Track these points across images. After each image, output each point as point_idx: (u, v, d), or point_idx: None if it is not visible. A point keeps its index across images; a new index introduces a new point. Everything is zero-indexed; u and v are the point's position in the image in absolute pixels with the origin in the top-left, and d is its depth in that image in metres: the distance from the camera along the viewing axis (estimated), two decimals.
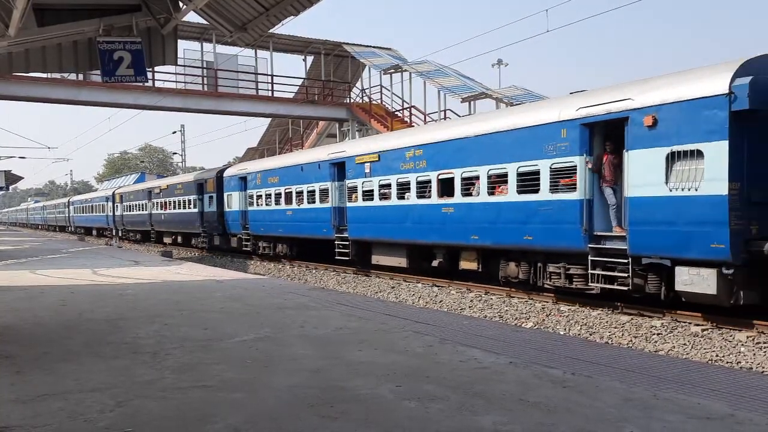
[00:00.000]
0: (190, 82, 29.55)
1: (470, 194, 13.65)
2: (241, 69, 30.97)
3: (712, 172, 9.12)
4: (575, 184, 11.13)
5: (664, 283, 10.07)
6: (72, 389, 5.09)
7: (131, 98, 27.43)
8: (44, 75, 23.70)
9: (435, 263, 15.26)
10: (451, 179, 14.11)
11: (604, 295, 11.11)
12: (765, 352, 8.32)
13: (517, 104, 21.75)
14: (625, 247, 10.27)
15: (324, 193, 19.34)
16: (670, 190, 9.66)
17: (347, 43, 31.99)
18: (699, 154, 9.30)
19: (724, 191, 8.94)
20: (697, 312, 10.08)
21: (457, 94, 25.74)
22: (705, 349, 8.71)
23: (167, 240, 34.42)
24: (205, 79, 29.86)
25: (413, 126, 26.68)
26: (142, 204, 37.27)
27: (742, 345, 8.68)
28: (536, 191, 11.89)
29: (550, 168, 11.59)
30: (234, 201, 25.62)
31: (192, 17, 16.98)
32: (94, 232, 51.66)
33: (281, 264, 22.46)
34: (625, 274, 10.33)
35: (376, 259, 17.37)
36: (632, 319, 10.45)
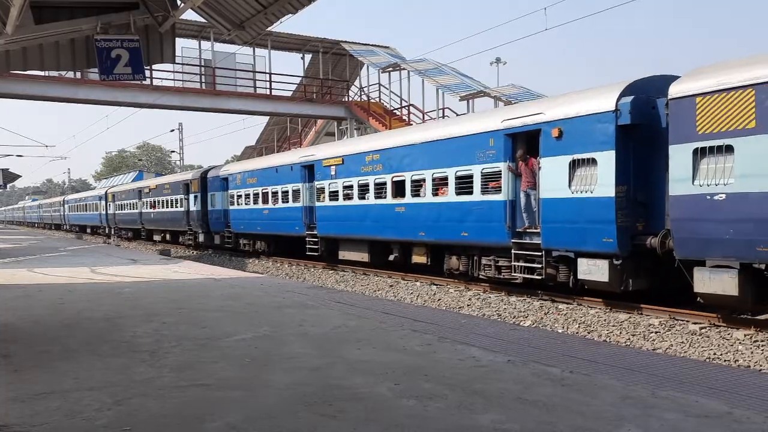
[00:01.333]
0: (188, 81, 29.52)
1: (419, 195, 15.13)
2: (239, 67, 30.94)
3: (603, 177, 10.68)
4: (500, 187, 12.73)
5: (572, 273, 11.49)
6: (70, 388, 5.09)
7: (129, 96, 27.39)
8: (42, 73, 23.65)
9: (391, 258, 16.73)
10: (403, 181, 15.62)
11: (526, 284, 12.63)
12: (763, 350, 8.34)
13: (516, 102, 21.79)
14: (539, 242, 11.83)
15: (296, 193, 20.82)
16: (572, 193, 11.22)
17: (345, 42, 31.96)
18: (594, 161, 10.86)
19: (612, 193, 10.49)
20: (694, 311, 10.13)
21: (455, 92, 25.73)
22: (703, 347, 8.72)
23: (157, 238, 35.66)
24: (203, 77, 29.82)
25: (412, 124, 26.73)
26: (133, 203, 38.53)
27: (740, 343, 8.70)
28: (470, 193, 13.48)
29: (481, 172, 13.22)
30: (217, 200, 27.02)
31: (190, 15, 16.98)
32: (89, 230, 52.62)
33: (279, 263, 22.48)
34: (540, 266, 11.89)
35: (343, 254, 18.66)
36: (630, 317, 10.48)
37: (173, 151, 60.76)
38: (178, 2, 10.15)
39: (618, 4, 27.92)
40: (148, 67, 20.86)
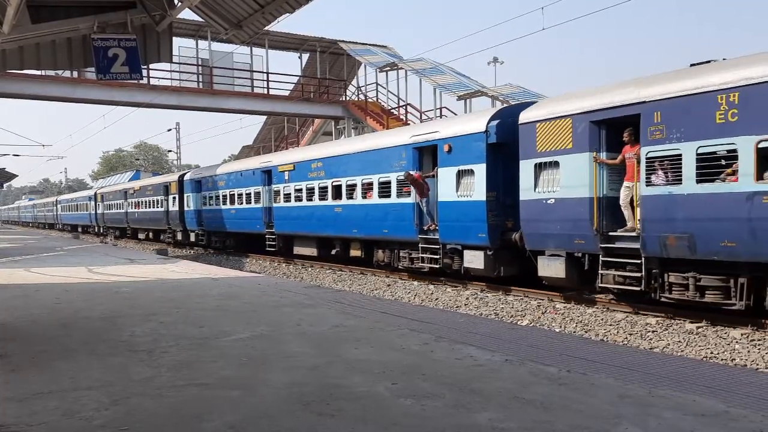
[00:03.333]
0: (186, 80, 29.47)
1: (352, 198, 17.60)
2: (237, 66, 30.89)
3: (478, 185, 13.19)
4: (410, 192, 15.13)
5: (462, 262, 13.87)
6: (68, 387, 5.08)
7: (126, 96, 27.34)
8: (38, 72, 23.60)
9: (333, 252, 19.11)
10: (340, 186, 18.11)
11: (433, 272, 15.13)
12: (759, 349, 8.36)
13: (514, 102, 21.82)
14: (438, 238, 14.33)
15: (257, 195, 23.13)
16: (459, 197, 13.68)
17: (343, 41, 31.93)
18: (472, 172, 13.37)
19: (484, 198, 13.02)
20: (690, 310, 10.15)
21: (452, 91, 25.75)
22: (700, 346, 8.74)
23: (141, 236, 38.07)
24: (200, 76, 29.77)
25: (409, 123, 26.76)
26: (120, 203, 40.74)
27: (737, 342, 8.72)
28: (389, 196, 15.96)
29: (396, 179, 15.61)
30: (191, 201, 29.21)
31: (187, 14, 16.93)
32: (80, 229, 54.26)
33: (277, 262, 22.51)
34: (439, 256, 14.41)
35: (297, 249, 21.12)
36: (627, 316, 10.50)
37: (170, 151, 60.75)
38: (176, 1, 10.14)
39: (615, 3, 27.98)
40: (146, 67, 20.79)
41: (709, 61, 9.90)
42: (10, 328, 7.85)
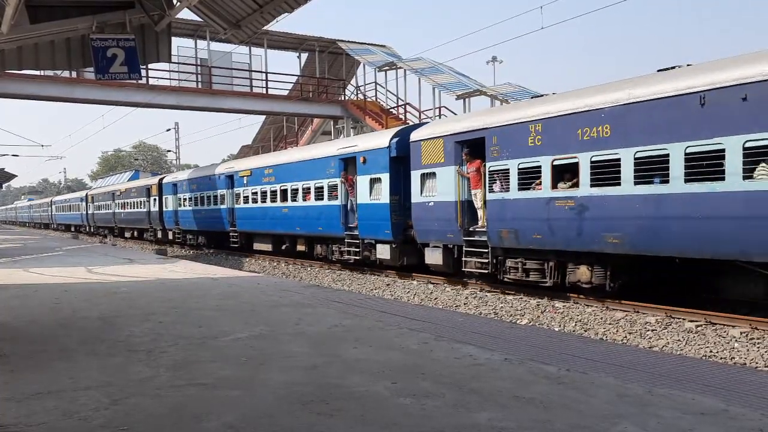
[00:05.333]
0: (184, 80, 29.43)
1: (296, 200, 20.48)
2: (236, 66, 30.86)
3: (384, 190, 16.17)
4: (338, 195, 18.14)
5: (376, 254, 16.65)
6: (67, 387, 5.08)
7: (125, 96, 27.31)
8: (37, 72, 23.57)
9: (283, 247, 22.24)
10: (287, 190, 21.05)
11: (357, 263, 17.93)
12: (758, 347, 8.37)
13: (513, 101, 21.84)
14: (358, 234, 17.29)
15: (223, 197, 25.96)
16: (372, 200, 16.64)
17: (342, 40, 31.90)
18: (380, 179, 16.36)
19: (388, 200, 16.01)
20: (689, 308, 10.17)
21: (451, 91, 25.74)
22: (699, 345, 8.75)
23: (127, 234, 41.19)
24: (199, 76, 29.74)
25: (408, 123, 26.78)
26: (108, 204, 43.59)
27: (736, 341, 8.73)
28: (322, 199, 18.92)
29: (328, 184, 18.69)
30: (169, 203, 32.13)
31: (186, 14, 16.96)
32: (73, 228, 56.91)
33: (276, 262, 22.54)
34: (359, 249, 17.40)
35: (256, 245, 24.04)
36: (627, 315, 10.50)
37: (169, 151, 60.71)
38: (174, 1, 10.14)
39: (612, 3, 27.81)
40: (144, 67, 20.78)
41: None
42: (9, 328, 7.85)
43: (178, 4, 9.99)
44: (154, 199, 33.80)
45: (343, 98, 33.43)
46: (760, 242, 8.52)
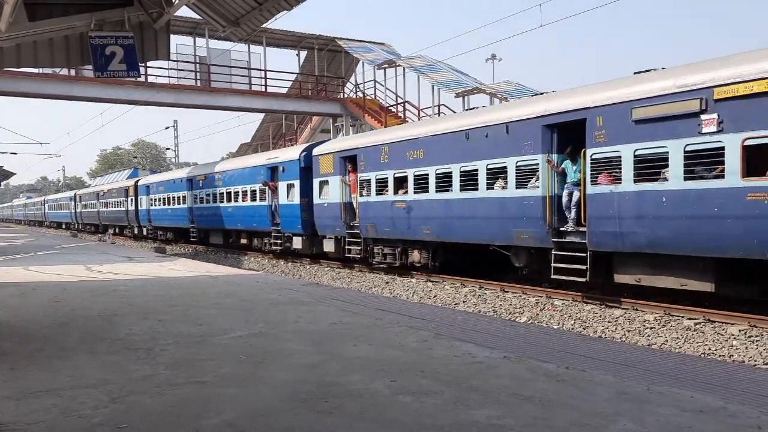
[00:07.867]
0: (183, 78, 29.38)
1: (238, 201, 24.32)
2: (235, 64, 30.79)
3: (296, 193, 20.05)
4: (266, 197, 21.88)
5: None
6: (66, 385, 5.08)
7: (124, 93, 27.24)
8: (36, 70, 23.52)
9: (231, 240, 26.34)
10: (230, 192, 24.96)
11: (284, 252, 21.73)
12: (757, 345, 8.37)
13: (512, 99, 21.84)
14: (281, 228, 21.18)
15: (184, 198, 29.87)
16: (288, 201, 20.48)
17: (340, 38, 31.84)
18: (294, 185, 20.20)
19: (299, 202, 19.87)
20: (687, 306, 10.18)
21: (450, 89, 25.70)
22: (698, 342, 8.76)
23: (111, 231, 44.60)
24: (198, 74, 29.68)
25: (407, 121, 26.79)
26: (93, 203, 47.36)
27: (735, 338, 8.73)
28: (256, 200, 22.79)
29: (259, 189, 22.42)
30: (143, 202, 36.11)
31: (185, 12, 16.94)
32: (63, 225, 60.70)
33: (275, 260, 22.54)
34: (281, 241, 21.28)
35: (212, 239, 28.25)
36: (625, 313, 10.51)
37: (168, 149, 60.62)
38: None
39: (611, 1, 27.79)
40: (143, 64, 20.75)
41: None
42: (8, 326, 7.85)
43: (177, 1, 9.98)
44: (131, 199, 37.82)
45: (342, 96, 33.38)
46: (496, 233, 12.88)
